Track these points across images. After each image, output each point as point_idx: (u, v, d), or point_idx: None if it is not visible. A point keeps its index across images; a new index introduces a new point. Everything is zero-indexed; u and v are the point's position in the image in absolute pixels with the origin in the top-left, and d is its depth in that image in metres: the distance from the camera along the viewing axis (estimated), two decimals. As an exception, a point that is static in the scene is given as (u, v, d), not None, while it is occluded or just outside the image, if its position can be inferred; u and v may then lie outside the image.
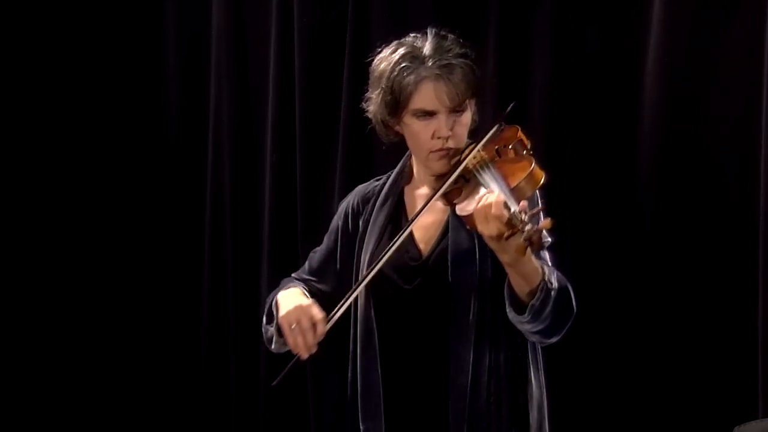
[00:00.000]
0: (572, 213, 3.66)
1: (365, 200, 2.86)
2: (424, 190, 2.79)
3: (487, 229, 2.45)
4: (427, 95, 2.65)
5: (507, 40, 3.78)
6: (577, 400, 3.67)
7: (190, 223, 4.45)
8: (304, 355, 2.66)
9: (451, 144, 2.67)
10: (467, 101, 2.68)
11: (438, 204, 2.71)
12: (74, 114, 4.54)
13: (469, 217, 2.53)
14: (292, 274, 2.99)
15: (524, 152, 2.67)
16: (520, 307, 2.57)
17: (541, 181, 2.57)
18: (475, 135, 2.75)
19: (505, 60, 3.75)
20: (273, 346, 2.85)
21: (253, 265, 4.28)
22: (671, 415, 3.64)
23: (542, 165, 2.60)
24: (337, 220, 2.92)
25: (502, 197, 2.45)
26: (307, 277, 2.93)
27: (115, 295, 4.56)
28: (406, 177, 2.83)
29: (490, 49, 3.75)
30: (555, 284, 2.55)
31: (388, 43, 2.76)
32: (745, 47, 3.51)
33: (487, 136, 2.65)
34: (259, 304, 4.25)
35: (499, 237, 2.44)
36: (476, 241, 2.67)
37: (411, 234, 2.73)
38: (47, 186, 4.55)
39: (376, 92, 2.72)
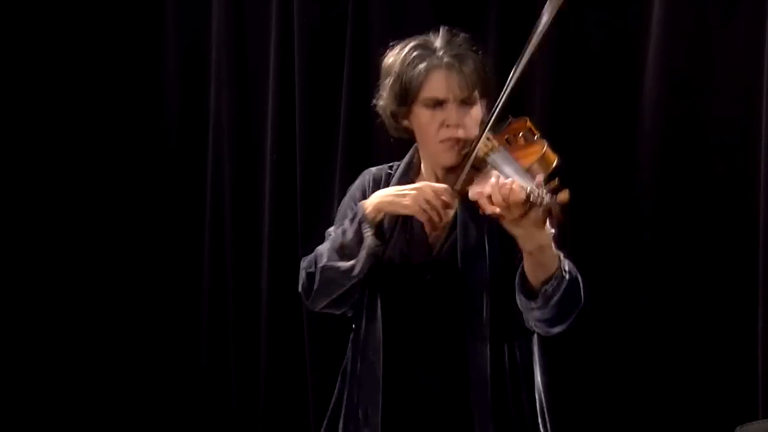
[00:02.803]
0: (572, 213, 3.65)
1: (376, 183, 2.84)
2: (433, 183, 2.77)
3: (508, 213, 2.45)
4: (437, 83, 2.66)
5: (507, 40, 3.78)
6: (576, 399, 3.67)
7: (190, 223, 4.45)
8: (444, 222, 2.65)
9: (460, 134, 2.66)
10: (477, 95, 2.68)
11: None
12: (74, 115, 4.54)
13: (484, 200, 2.52)
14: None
15: (535, 137, 2.67)
16: (530, 292, 2.57)
17: (554, 164, 2.57)
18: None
19: (505, 60, 3.74)
20: (356, 271, 2.69)
21: (253, 265, 4.28)
22: (672, 415, 3.64)
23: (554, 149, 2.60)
24: (349, 200, 2.86)
25: (517, 175, 2.46)
26: None
27: (115, 295, 4.56)
28: (414, 171, 2.81)
29: (490, 49, 3.75)
30: (568, 273, 2.55)
31: (395, 42, 2.76)
32: (745, 47, 3.51)
33: (492, 118, 2.64)
34: (259, 303, 4.27)
35: (520, 216, 2.44)
36: (486, 236, 2.68)
37: (422, 229, 2.73)
38: (47, 186, 4.55)
39: (387, 83, 2.72)
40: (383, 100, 2.74)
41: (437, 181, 2.73)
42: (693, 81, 3.60)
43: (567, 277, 2.55)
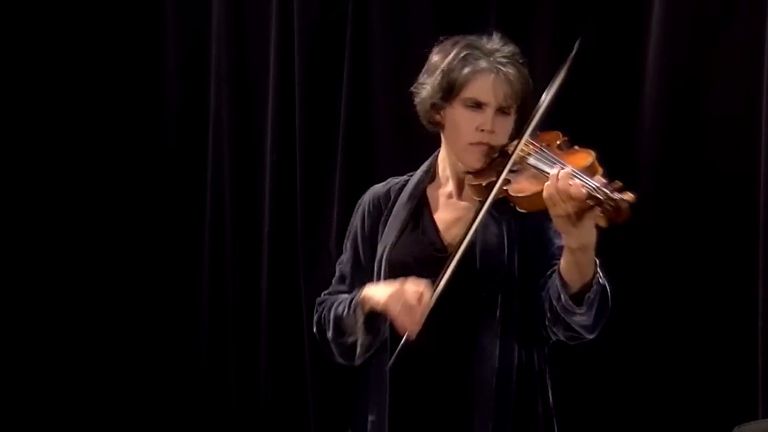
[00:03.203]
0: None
1: (386, 196, 2.85)
2: (449, 188, 2.78)
3: (563, 207, 2.44)
4: (483, 86, 2.67)
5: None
6: (576, 399, 3.67)
7: (190, 223, 4.45)
8: (415, 333, 2.61)
9: (492, 140, 2.68)
10: (515, 107, 2.69)
11: (463, 205, 2.72)
12: (74, 115, 4.54)
13: (529, 198, 2.50)
14: (327, 293, 2.92)
15: (575, 147, 2.64)
16: (576, 298, 2.55)
17: (599, 173, 2.53)
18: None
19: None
20: (358, 352, 2.74)
21: (253, 265, 4.27)
22: (671, 415, 3.64)
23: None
24: (354, 223, 2.89)
25: (574, 171, 2.44)
26: (346, 288, 2.87)
27: (115, 295, 4.55)
28: (429, 177, 2.83)
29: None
30: (603, 278, 2.57)
31: (447, 36, 2.77)
32: (745, 47, 3.51)
33: (534, 122, 2.63)
34: (259, 303, 4.26)
35: (577, 214, 2.43)
36: (505, 236, 2.68)
37: (435, 226, 2.74)
38: (47, 186, 4.55)
39: (431, 76, 2.72)
40: (425, 91, 2.74)
41: (458, 185, 2.74)
42: (693, 81, 3.60)
43: (603, 282, 2.57)
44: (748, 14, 3.50)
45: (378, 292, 2.68)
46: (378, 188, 2.90)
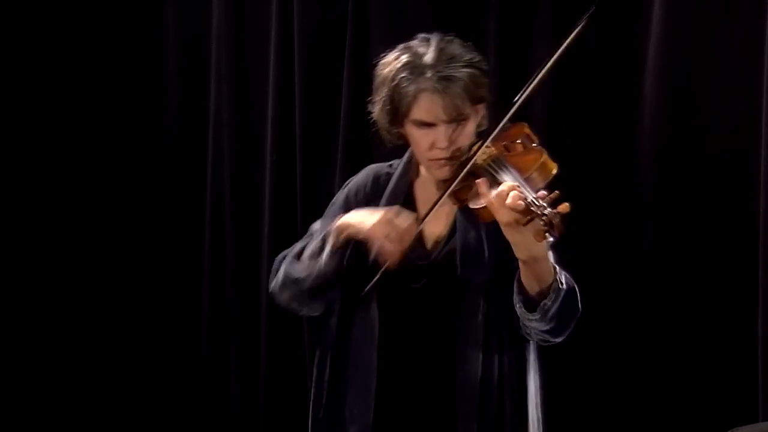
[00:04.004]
0: (572, 213, 3.65)
1: (376, 182, 2.83)
2: (432, 187, 2.77)
3: (505, 216, 2.44)
4: (425, 107, 2.63)
5: (507, 41, 3.78)
6: (575, 400, 3.67)
7: (190, 223, 4.45)
8: (397, 262, 2.62)
9: (449, 153, 2.66)
10: (468, 110, 2.66)
11: (445, 204, 2.70)
12: (74, 114, 4.54)
13: (483, 209, 2.52)
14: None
15: (533, 145, 2.65)
16: (529, 304, 2.57)
17: (554, 172, 2.56)
18: (483, 133, 2.73)
19: (505, 60, 3.75)
20: (310, 283, 2.73)
21: (253, 264, 4.27)
22: (671, 416, 3.64)
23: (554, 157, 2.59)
24: (344, 196, 2.87)
25: (517, 183, 2.45)
26: None
27: (115, 295, 4.56)
28: (414, 169, 2.81)
29: (490, 49, 3.75)
30: (564, 285, 2.55)
31: (392, 47, 2.74)
32: (745, 47, 3.51)
33: (494, 134, 2.63)
34: (259, 303, 4.26)
35: (517, 223, 2.42)
36: (485, 242, 2.68)
37: (419, 232, 2.72)
38: (47, 186, 4.55)
39: (379, 98, 2.71)
40: (376, 111, 2.73)
41: (435, 183, 2.73)
42: (693, 81, 3.60)
43: (564, 288, 2.55)
44: (748, 14, 3.50)
45: (359, 218, 2.67)
46: (374, 170, 2.87)
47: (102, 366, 4.57)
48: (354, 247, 2.70)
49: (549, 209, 2.37)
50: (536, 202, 2.39)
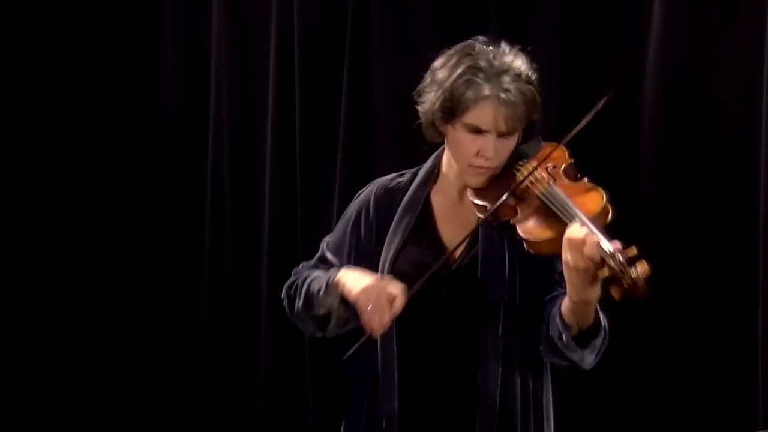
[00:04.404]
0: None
1: (389, 193, 2.82)
2: (453, 195, 2.76)
3: (577, 261, 2.40)
4: (484, 114, 2.61)
5: (507, 41, 3.77)
6: (575, 401, 3.67)
7: (190, 223, 4.45)
8: (379, 334, 2.60)
9: (492, 164, 2.65)
10: (520, 127, 2.66)
11: (466, 213, 2.70)
12: (74, 114, 4.54)
13: (537, 244, 2.48)
14: (304, 264, 2.94)
15: (583, 178, 2.62)
16: (582, 341, 2.56)
17: (610, 218, 2.51)
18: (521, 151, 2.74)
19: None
20: (333, 323, 2.72)
21: (253, 265, 4.27)
22: (671, 418, 3.63)
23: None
24: (351, 210, 2.86)
25: (597, 236, 2.38)
26: (326, 268, 2.86)
27: (115, 295, 4.56)
28: (434, 177, 2.80)
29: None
30: (604, 323, 2.58)
31: (451, 48, 2.71)
32: (745, 47, 3.51)
33: (542, 161, 2.60)
34: (259, 303, 4.26)
35: (586, 272, 2.39)
36: (507, 254, 2.67)
37: (440, 241, 2.72)
38: (47, 186, 4.55)
39: (435, 93, 2.66)
40: (427, 105, 2.69)
41: (462, 189, 2.72)
42: (693, 81, 3.60)
43: (605, 326, 2.57)
44: (748, 14, 3.50)
45: (351, 281, 2.65)
46: (383, 183, 2.86)
47: (102, 366, 4.58)
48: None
49: (632, 271, 2.29)
50: (616, 257, 2.30)
